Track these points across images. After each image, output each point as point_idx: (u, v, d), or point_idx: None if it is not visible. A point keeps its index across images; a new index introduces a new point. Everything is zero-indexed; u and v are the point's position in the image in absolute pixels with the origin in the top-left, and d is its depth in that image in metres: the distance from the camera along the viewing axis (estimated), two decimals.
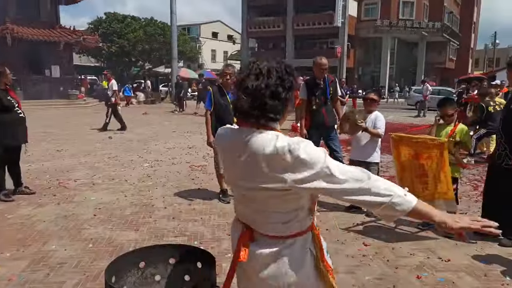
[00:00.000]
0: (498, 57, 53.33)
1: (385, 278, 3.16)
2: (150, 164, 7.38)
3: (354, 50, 39.82)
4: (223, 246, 3.76)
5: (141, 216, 4.56)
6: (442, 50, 44.74)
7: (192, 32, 53.36)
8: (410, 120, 16.84)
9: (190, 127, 13.33)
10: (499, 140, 3.83)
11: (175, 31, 24.33)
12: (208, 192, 5.60)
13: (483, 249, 3.74)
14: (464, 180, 6.35)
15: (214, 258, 2.17)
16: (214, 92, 5.02)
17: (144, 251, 2.26)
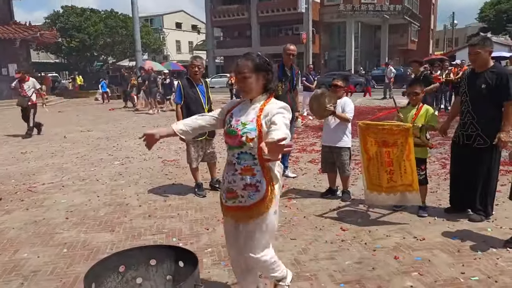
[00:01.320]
0: (456, 37, 55.10)
1: (364, 262, 3.23)
2: (121, 162, 7.21)
3: (319, 35, 40.07)
4: (202, 241, 3.73)
5: (115, 216, 4.46)
6: (404, 32, 45.73)
7: (155, 24, 52.18)
8: (377, 102, 17.19)
9: (160, 121, 13.10)
10: (469, 121, 3.93)
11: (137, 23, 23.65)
12: (183, 186, 5.53)
13: (454, 226, 3.88)
14: (433, 159, 6.55)
15: (196, 256, 2.15)
16: (184, 85, 4.93)
17: (123, 254, 2.21)
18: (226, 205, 2.44)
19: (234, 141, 2.29)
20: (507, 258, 3.19)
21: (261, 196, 2.31)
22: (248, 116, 2.31)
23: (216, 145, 5.52)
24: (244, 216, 2.36)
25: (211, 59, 43.87)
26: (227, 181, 2.38)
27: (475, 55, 3.85)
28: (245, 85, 2.29)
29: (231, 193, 2.37)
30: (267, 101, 2.34)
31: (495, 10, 48.96)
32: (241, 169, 2.30)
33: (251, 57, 2.31)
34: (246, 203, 2.33)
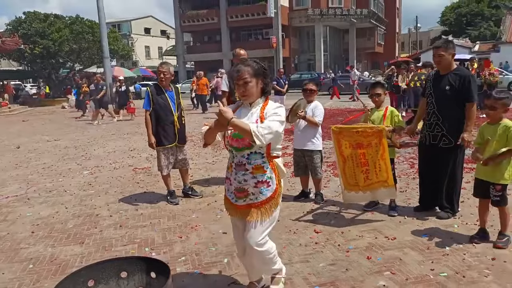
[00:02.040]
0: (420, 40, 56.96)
1: (338, 263, 3.26)
2: (90, 171, 7.02)
3: (289, 40, 40.49)
4: (175, 250, 3.67)
5: (85, 228, 4.32)
6: (371, 36, 46.92)
7: (123, 29, 51.31)
8: (347, 104, 17.50)
9: (129, 128, 12.87)
10: (435, 122, 4.06)
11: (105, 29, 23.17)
12: (155, 195, 5.44)
13: (423, 224, 3.99)
14: (401, 159, 6.72)
15: (168, 266, 2.11)
16: (152, 91, 4.85)
17: (92, 268, 2.14)
18: (236, 205, 2.59)
19: (243, 143, 2.46)
20: (473, 254, 3.30)
21: (273, 191, 2.53)
22: (252, 118, 2.49)
23: (188, 151, 5.46)
24: (258, 212, 2.52)
25: (181, 64, 43.52)
26: (236, 181, 2.53)
27: (439, 57, 3.98)
28: (246, 89, 2.47)
29: (241, 192, 2.53)
30: (265, 103, 2.55)
31: (455, 14, 50.93)
32: (252, 168, 2.48)
33: (250, 63, 2.49)
34: (257, 200, 2.52)
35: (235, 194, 2.57)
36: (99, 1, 21.10)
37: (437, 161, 4.09)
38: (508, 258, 3.18)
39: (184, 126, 5.05)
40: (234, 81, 2.54)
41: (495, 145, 3.30)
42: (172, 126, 4.87)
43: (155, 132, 4.86)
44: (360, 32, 44.23)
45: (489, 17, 48.66)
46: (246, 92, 2.48)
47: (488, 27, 47.84)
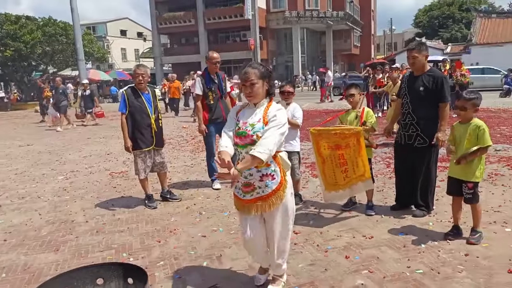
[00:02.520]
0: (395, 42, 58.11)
1: (317, 263, 3.28)
2: (65, 176, 6.86)
3: (267, 42, 40.66)
4: (154, 255, 3.62)
5: (60, 235, 4.22)
6: (347, 38, 47.62)
7: (98, 31, 50.42)
8: (325, 106, 17.68)
9: (105, 131, 12.65)
10: (410, 122, 4.14)
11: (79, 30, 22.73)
12: (132, 199, 5.35)
13: (400, 222, 4.06)
14: (378, 159, 6.83)
15: (146, 271, 2.08)
16: (128, 94, 4.78)
17: (66, 276, 2.09)
18: (244, 200, 2.70)
19: (246, 140, 2.61)
20: (447, 250, 3.38)
21: (278, 183, 2.66)
22: (255, 117, 2.64)
23: (166, 154, 5.41)
24: (266, 204, 2.66)
25: (158, 67, 43.09)
26: (243, 177, 2.63)
27: (413, 59, 4.08)
28: (252, 90, 2.61)
29: (248, 186, 2.67)
30: (269, 104, 2.68)
31: (428, 17, 52.28)
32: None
33: (256, 66, 2.65)
34: (264, 193, 2.65)
35: (242, 190, 2.70)
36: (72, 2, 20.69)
37: (413, 160, 4.18)
38: (480, 254, 3.28)
39: (161, 129, 5.00)
40: (241, 83, 2.67)
41: (466, 144, 3.40)
42: (149, 129, 4.81)
43: (131, 135, 4.79)
44: (337, 34, 44.84)
45: (460, 19, 50.16)
46: (253, 93, 2.62)
47: (459, 29, 49.31)
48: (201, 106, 5.41)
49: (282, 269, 2.92)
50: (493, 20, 39.43)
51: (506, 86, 19.05)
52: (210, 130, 5.46)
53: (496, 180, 5.30)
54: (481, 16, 39.90)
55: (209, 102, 5.41)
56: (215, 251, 3.61)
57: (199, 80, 5.41)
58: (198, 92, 5.39)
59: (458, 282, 2.88)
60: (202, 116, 5.41)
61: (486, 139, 3.32)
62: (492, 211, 4.20)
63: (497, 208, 4.28)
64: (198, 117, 5.49)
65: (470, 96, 3.39)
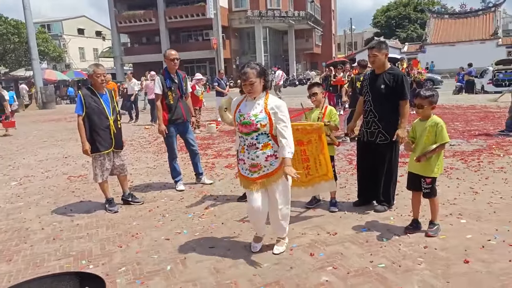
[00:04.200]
0: (355, 41, 59.61)
1: (282, 262, 3.28)
2: (19, 182, 6.52)
3: (230, 41, 40.57)
4: (115, 261, 3.49)
5: (13, 244, 3.99)
6: (309, 37, 48.36)
7: (54, 29, 48.51)
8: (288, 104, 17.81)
9: (63, 134, 12.16)
10: (372, 119, 4.23)
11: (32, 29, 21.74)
12: (92, 203, 5.16)
13: (362, 218, 4.14)
14: (340, 156, 6.95)
15: (103, 279, 1.99)
16: (84, 95, 4.59)
17: None
18: (252, 178, 3.23)
19: (250, 128, 3.12)
20: (408, 243, 3.48)
21: (280, 161, 3.18)
22: (256, 109, 3.13)
23: (127, 156, 5.25)
24: (273, 179, 3.22)
25: (119, 67, 41.99)
26: (250, 159, 3.20)
27: (373, 57, 4.16)
28: (252, 88, 3.10)
29: (255, 167, 3.20)
30: (266, 96, 3.20)
31: (386, 17, 53.99)
32: (262, 146, 3.16)
33: (253, 66, 3.11)
34: (269, 170, 3.20)
35: (249, 170, 3.22)
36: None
37: (374, 156, 4.27)
38: (438, 246, 3.39)
39: (120, 130, 4.84)
40: (241, 82, 3.12)
41: (425, 140, 3.51)
42: (107, 131, 4.64)
43: (89, 137, 4.60)
44: (299, 33, 45.42)
45: (415, 20, 52.17)
46: (252, 90, 3.10)
47: (414, 29, 51.27)
48: (160, 106, 5.29)
49: (285, 231, 3.49)
50: (446, 20, 41.29)
51: (458, 84, 19.99)
52: (171, 131, 5.34)
53: (451, 174, 5.52)
54: (434, 16, 41.69)
55: (169, 102, 5.29)
56: (179, 255, 3.53)
57: (159, 80, 5.29)
58: (157, 91, 5.27)
59: (418, 274, 2.96)
60: (162, 116, 5.29)
61: (444, 136, 3.43)
62: (448, 204, 4.36)
63: (452, 201, 4.46)
64: (158, 117, 5.37)
65: (426, 94, 3.50)
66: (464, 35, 37.85)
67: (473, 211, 4.12)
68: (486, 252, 3.22)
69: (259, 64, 3.17)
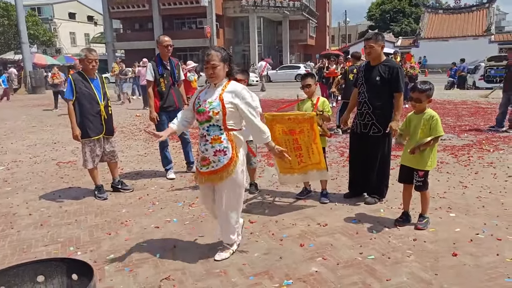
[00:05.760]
0: (349, 34, 59.52)
1: (272, 252, 3.28)
2: (7, 167, 6.42)
3: (223, 30, 40.19)
4: (103, 248, 3.46)
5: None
6: (303, 28, 48.09)
7: (44, 13, 47.59)
8: (281, 95, 17.80)
9: (52, 120, 11.99)
10: (366, 111, 4.21)
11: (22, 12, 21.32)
12: (81, 190, 5.10)
13: (352, 210, 4.15)
14: (332, 148, 6.95)
15: (91, 266, 1.96)
16: (75, 79, 4.50)
17: (1, 274, 1.92)
18: (201, 171, 3.02)
19: (203, 116, 2.90)
20: (397, 236, 3.50)
21: (229, 159, 2.92)
22: (214, 96, 2.92)
23: (118, 143, 5.19)
24: (217, 177, 2.96)
25: (110, 53, 41.40)
26: (201, 150, 2.98)
27: (369, 48, 4.13)
28: (214, 72, 2.87)
29: (204, 160, 2.97)
30: (228, 82, 2.96)
31: (380, 10, 53.88)
32: (211, 139, 2.91)
33: (218, 49, 2.93)
34: (217, 167, 2.94)
35: (200, 163, 3.01)
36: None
37: (367, 148, 4.26)
38: (427, 238, 3.41)
39: (111, 116, 4.77)
40: (203, 64, 2.89)
41: (420, 133, 3.50)
42: (98, 117, 4.57)
43: (80, 123, 4.53)
44: (293, 24, 45.13)
45: (410, 14, 52.16)
46: (214, 74, 2.88)
47: (408, 23, 51.27)
48: (152, 93, 5.22)
49: (230, 238, 3.18)
50: (440, 15, 41.38)
51: (450, 79, 20.11)
52: (162, 119, 5.27)
53: (442, 168, 5.56)
54: (429, 11, 41.76)
55: (161, 89, 5.22)
56: (169, 243, 3.51)
57: (151, 66, 5.21)
58: (149, 78, 5.19)
59: (407, 266, 2.97)
60: (154, 104, 5.22)
61: (438, 129, 3.43)
62: (438, 197, 4.39)
63: (442, 195, 4.49)
64: (150, 104, 5.29)
65: (424, 87, 3.47)
66: (458, 30, 38.00)
67: (462, 205, 4.16)
68: (474, 246, 3.25)
69: (226, 50, 2.99)
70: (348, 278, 2.84)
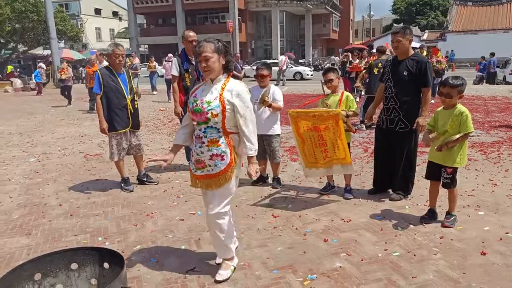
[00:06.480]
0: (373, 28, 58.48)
1: (296, 246, 3.29)
2: (38, 158, 6.63)
3: (246, 24, 40.17)
4: (130, 239, 3.55)
5: (32, 218, 4.08)
6: (326, 22, 47.56)
7: (71, 9, 48.58)
8: (303, 90, 17.70)
9: (80, 114, 12.29)
10: (392, 106, 4.15)
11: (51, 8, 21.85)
12: (108, 182, 5.23)
13: (377, 207, 4.11)
14: (356, 144, 6.89)
15: (122, 256, 2.02)
16: (103, 74, 4.60)
17: (38, 261, 2.00)
18: (195, 175, 2.77)
19: (200, 117, 2.62)
20: (423, 233, 3.45)
21: (226, 164, 2.67)
22: (212, 95, 2.62)
23: (143, 137, 5.28)
24: (213, 183, 2.70)
25: (134, 48, 42.03)
26: (195, 153, 2.71)
27: (397, 42, 4.06)
28: (207, 65, 2.57)
29: (200, 163, 2.71)
30: (227, 79, 2.67)
31: (406, 3, 52.62)
32: (208, 142, 2.64)
33: (211, 40, 2.62)
34: (213, 172, 2.68)
35: (195, 165, 2.75)
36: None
37: (393, 144, 4.20)
38: (454, 236, 3.35)
39: (137, 110, 4.87)
40: (196, 57, 2.63)
41: (448, 129, 3.42)
42: (125, 110, 4.67)
43: (107, 117, 4.64)
44: (316, 18, 44.70)
45: (437, 6, 50.76)
46: (208, 68, 2.57)
47: (436, 16, 49.94)
48: (177, 88, 5.28)
49: (227, 252, 2.88)
50: (469, 7, 40.12)
51: (479, 74, 19.52)
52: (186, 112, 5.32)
53: (470, 165, 5.42)
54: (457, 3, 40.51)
55: (186, 84, 5.27)
56: (193, 235, 3.57)
57: (175, 61, 5.26)
58: (174, 73, 5.25)
59: (433, 264, 2.93)
60: (179, 98, 5.29)
61: (468, 125, 3.34)
62: (466, 195, 4.30)
63: (470, 192, 4.39)
64: (175, 99, 5.36)
65: (456, 83, 3.37)
66: (488, 23, 36.78)
67: (491, 203, 4.06)
68: (504, 245, 3.18)
69: (220, 41, 2.65)
70: (373, 274, 2.83)
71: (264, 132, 4.67)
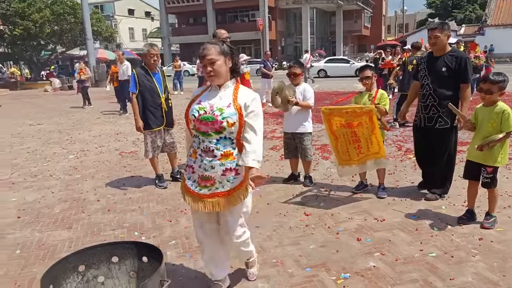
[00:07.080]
0: (407, 23, 56.96)
1: (328, 245, 3.28)
2: (76, 155, 6.90)
3: (275, 22, 40.09)
4: (165, 234, 3.64)
5: (72, 213, 4.26)
6: (358, 18, 46.74)
7: (106, 10, 50.05)
8: (335, 88, 17.50)
9: (114, 112, 12.65)
10: (431, 104, 4.04)
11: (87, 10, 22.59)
12: (142, 179, 5.38)
13: (412, 206, 4.03)
14: (389, 142, 6.76)
15: (161, 250, 2.09)
16: (138, 73, 4.73)
17: (82, 253, 2.10)
18: (199, 194, 2.37)
19: (212, 127, 2.26)
20: (461, 234, 3.35)
21: (242, 179, 2.35)
22: (223, 101, 2.30)
23: (176, 135, 5.40)
24: (227, 202, 2.35)
25: (166, 47, 42.82)
26: (202, 169, 2.33)
27: (434, 38, 3.95)
28: (213, 69, 2.27)
29: (206, 180, 2.33)
30: (237, 85, 2.39)
31: None
32: (221, 155, 2.30)
33: (215, 42, 2.36)
34: (224, 189, 2.34)
35: (198, 183, 2.37)
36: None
37: (432, 142, 4.10)
38: (494, 238, 3.24)
39: (171, 108, 4.97)
40: (200, 61, 2.33)
41: (489, 127, 3.31)
42: (159, 109, 4.79)
43: (142, 115, 4.77)
44: (347, 14, 44.01)
45: None
46: (214, 72, 2.28)
47: (473, 10, 48.04)
48: None
49: (249, 253, 2.74)
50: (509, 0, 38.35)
51: None
52: None
53: (511, 164, 5.22)
54: None
55: None
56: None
57: None
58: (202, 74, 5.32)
59: (472, 266, 2.85)
60: None
61: (510, 123, 3.21)
62: (507, 196, 4.14)
63: (511, 193, 4.23)
64: None
65: (497, 79, 3.26)
66: None
67: None
68: None
69: (225, 42, 2.39)
70: (408, 275, 2.78)
71: (295, 130, 4.67)
